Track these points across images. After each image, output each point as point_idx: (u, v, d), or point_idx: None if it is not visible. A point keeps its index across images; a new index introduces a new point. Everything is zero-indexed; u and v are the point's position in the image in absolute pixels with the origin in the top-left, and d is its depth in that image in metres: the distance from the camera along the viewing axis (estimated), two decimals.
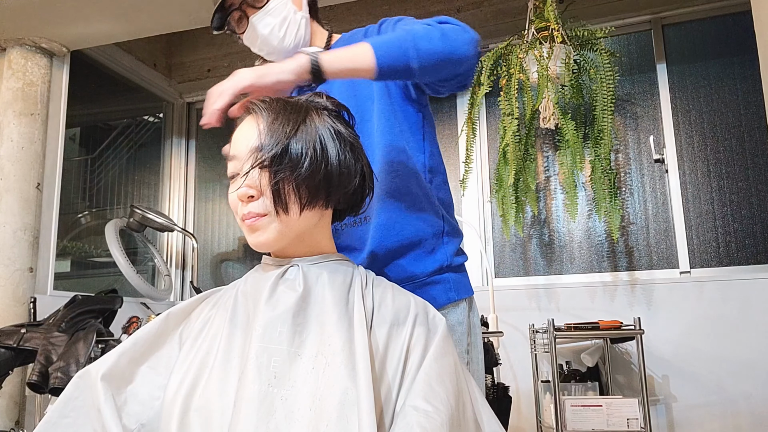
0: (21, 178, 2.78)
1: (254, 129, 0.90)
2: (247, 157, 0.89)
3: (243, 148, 0.90)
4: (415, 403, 0.81)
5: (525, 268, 3.14)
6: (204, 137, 4.03)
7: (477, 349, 1.19)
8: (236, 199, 0.90)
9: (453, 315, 1.15)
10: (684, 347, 2.76)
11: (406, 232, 1.14)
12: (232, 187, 0.91)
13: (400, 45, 1.01)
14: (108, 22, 2.82)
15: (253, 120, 0.92)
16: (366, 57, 0.98)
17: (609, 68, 2.66)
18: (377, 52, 0.99)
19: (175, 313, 0.95)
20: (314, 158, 0.88)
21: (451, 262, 1.17)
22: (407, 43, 1.01)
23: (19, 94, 2.84)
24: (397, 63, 1.00)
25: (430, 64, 1.03)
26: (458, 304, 1.17)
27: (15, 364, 2.25)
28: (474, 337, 1.19)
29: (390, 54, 1.00)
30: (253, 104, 0.93)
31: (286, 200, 0.88)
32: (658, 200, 2.99)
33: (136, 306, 3.27)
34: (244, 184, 0.88)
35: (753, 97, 2.92)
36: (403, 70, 1.02)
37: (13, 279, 2.69)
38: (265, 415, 0.77)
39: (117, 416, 0.84)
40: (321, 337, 0.84)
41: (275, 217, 0.88)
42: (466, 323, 1.17)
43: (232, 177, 0.92)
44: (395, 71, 1.02)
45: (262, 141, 0.88)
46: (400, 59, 1.00)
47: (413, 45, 1.01)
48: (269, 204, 0.88)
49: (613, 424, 2.35)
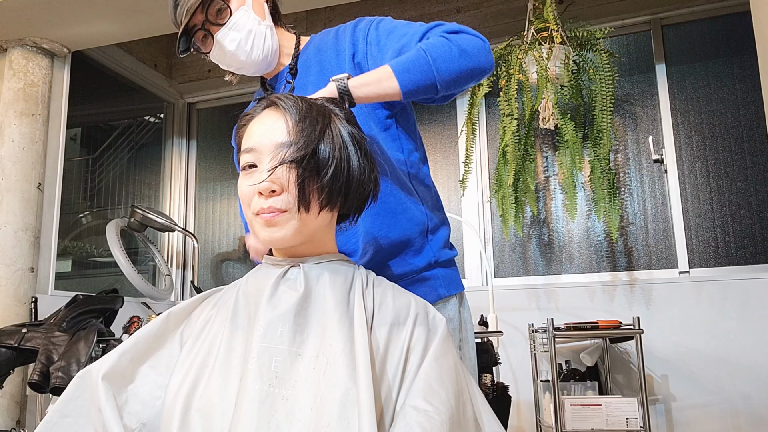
0: (22, 178, 2.79)
1: (281, 124, 0.90)
2: (272, 152, 0.89)
3: (267, 142, 0.90)
4: (415, 402, 0.81)
5: (524, 268, 3.14)
6: (205, 137, 4.03)
7: (469, 345, 1.19)
8: (253, 191, 0.89)
9: (443, 311, 1.15)
10: (683, 347, 2.76)
11: (393, 235, 1.13)
12: (249, 179, 0.90)
13: (421, 68, 1.03)
14: (109, 22, 2.82)
15: (278, 115, 0.91)
16: (391, 82, 1.02)
17: (608, 69, 2.67)
18: (399, 77, 1.02)
19: (176, 312, 0.95)
20: (339, 162, 0.90)
21: (439, 258, 1.17)
22: (428, 65, 1.03)
23: (20, 94, 2.85)
24: (420, 85, 1.04)
25: (453, 82, 1.06)
26: (449, 300, 1.17)
27: (16, 363, 2.25)
28: (465, 332, 1.19)
29: (412, 79, 1.03)
30: (279, 99, 0.93)
31: (310, 199, 0.89)
32: (657, 200, 2.99)
33: (137, 306, 3.28)
34: (269, 178, 0.87)
35: (752, 98, 2.92)
36: (428, 89, 1.05)
37: (14, 279, 2.70)
38: (266, 414, 0.78)
39: (118, 416, 0.84)
40: (322, 337, 0.85)
41: (295, 214, 0.88)
42: (457, 319, 1.17)
43: (246, 168, 0.92)
44: (420, 92, 1.05)
45: (291, 138, 0.88)
46: (423, 81, 1.03)
47: (434, 67, 1.03)
48: (291, 201, 0.88)
49: (612, 423, 2.36)
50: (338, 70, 1.14)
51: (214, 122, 4.02)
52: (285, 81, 1.23)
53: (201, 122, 4.05)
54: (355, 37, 1.18)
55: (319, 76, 1.19)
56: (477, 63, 1.06)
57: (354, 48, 1.17)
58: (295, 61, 1.24)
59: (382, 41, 1.15)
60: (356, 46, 1.17)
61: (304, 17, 3.74)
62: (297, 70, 1.24)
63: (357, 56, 1.17)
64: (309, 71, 1.22)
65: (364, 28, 1.19)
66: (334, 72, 1.12)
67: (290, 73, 1.23)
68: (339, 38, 1.21)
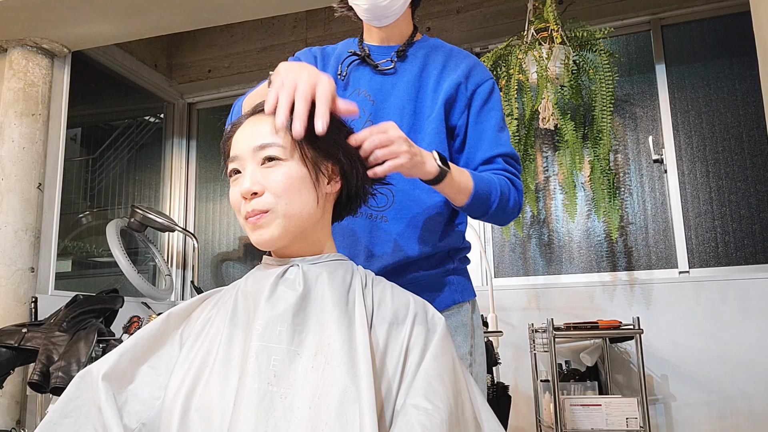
0: (22, 178, 2.79)
1: (261, 128, 0.91)
2: (251, 156, 0.90)
3: (246, 147, 0.91)
4: (415, 401, 0.81)
5: (524, 268, 3.15)
6: (205, 137, 4.04)
7: (479, 351, 1.19)
8: (239, 197, 0.91)
9: (457, 317, 1.16)
10: (683, 347, 2.76)
11: (426, 247, 1.15)
12: (235, 186, 0.92)
13: (485, 203, 1.08)
14: (109, 23, 2.82)
15: (259, 119, 0.93)
16: (463, 197, 1.05)
17: (608, 69, 2.67)
18: (470, 201, 1.05)
19: (176, 313, 0.96)
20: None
21: (457, 266, 1.19)
22: (488, 206, 1.09)
23: (20, 94, 2.85)
24: (471, 211, 1.10)
25: (482, 217, 1.13)
26: (462, 306, 1.18)
27: (16, 363, 2.25)
28: (477, 338, 1.19)
29: (474, 206, 1.07)
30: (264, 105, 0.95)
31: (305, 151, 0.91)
32: (657, 200, 2.99)
33: (137, 306, 3.28)
34: (249, 179, 0.89)
35: (752, 98, 2.92)
36: (464, 210, 1.10)
37: (15, 279, 2.70)
38: (264, 413, 0.78)
39: (118, 415, 0.84)
40: (320, 336, 0.85)
41: (279, 213, 0.89)
42: (469, 325, 1.18)
43: (232, 175, 0.94)
44: (462, 209, 1.10)
45: (272, 139, 0.90)
46: (475, 211, 1.09)
47: (489, 210, 1.10)
48: (273, 200, 0.89)
49: (612, 423, 2.36)
50: (432, 95, 1.18)
51: (214, 122, 4.03)
52: (390, 59, 1.22)
53: (201, 122, 4.05)
54: (461, 88, 1.19)
55: (416, 78, 1.20)
56: (509, 220, 1.17)
57: (453, 94, 1.18)
58: (406, 48, 1.23)
59: (473, 124, 1.19)
60: (456, 102, 1.18)
61: (304, 17, 3.74)
62: (407, 56, 1.23)
63: (453, 113, 1.19)
64: (411, 66, 1.22)
65: (472, 87, 1.20)
66: (427, 89, 1.18)
67: (397, 54, 1.22)
68: (448, 64, 1.21)
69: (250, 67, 3.83)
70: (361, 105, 1.18)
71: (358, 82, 1.22)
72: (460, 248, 1.21)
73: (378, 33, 1.24)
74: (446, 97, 1.17)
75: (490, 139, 1.18)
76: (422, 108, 1.19)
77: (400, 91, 1.19)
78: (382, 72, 1.21)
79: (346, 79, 1.23)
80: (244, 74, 3.83)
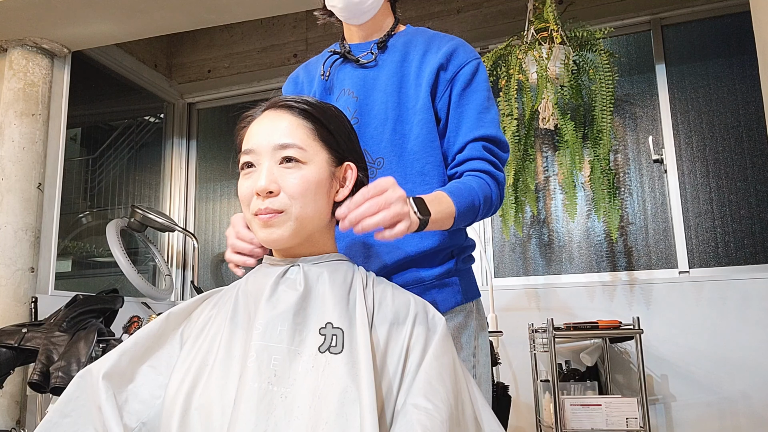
0: (22, 178, 2.79)
1: (281, 124, 0.93)
2: (270, 153, 0.91)
3: (265, 143, 0.92)
4: (415, 401, 0.81)
5: (524, 268, 3.15)
6: (205, 137, 4.04)
7: (483, 351, 1.18)
8: (251, 192, 0.91)
9: (460, 318, 1.14)
10: (683, 347, 2.76)
11: (424, 242, 1.13)
12: (248, 180, 0.92)
13: (470, 215, 1.07)
14: (109, 23, 2.82)
15: (278, 115, 0.94)
16: (449, 223, 1.03)
17: (608, 69, 2.67)
18: (456, 222, 1.04)
19: (176, 313, 0.96)
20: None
21: (459, 267, 1.17)
22: (474, 216, 1.08)
23: (20, 94, 2.85)
24: (458, 226, 1.07)
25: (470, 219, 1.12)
26: (465, 307, 1.16)
27: (16, 363, 2.25)
28: (481, 339, 1.18)
29: (460, 222, 1.06)
30: (282, 100, 0.95)
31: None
32: (657, 200, 2.99)
33: (137, 306, 3.28)
34: (266, 178, 0.89)
35: (752, 98, 2.92)
36: (452, 229, 1.09)
37: (15, 279, 2.70)
38: (264, 412, 0.78)
39: (118, 415, 0.85)
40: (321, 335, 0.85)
41: (292, 215, 0.90)
42: (473, 326, 1.16)
43: (244, 168, 0.93)
44: (450, 230, 1.10)
45: (291, 140, 0.92)
46: (462, 225, 1.08)
47: (477, 218, 1.10)
48: (288, 202, 0.89)
49: (612, 423, 2.36)
50: (415, 83, 1.15)
51: (214, 122, 4.03)
52: (370, 51, 1.21)
53: (201, 122, 4.05)
54: (441, 71, 1.16)
55: (397, 67, 1.18)
56: (493, 212, 1.15)
57: (434, 79, 1.15)
58: (386, 39, 1.22)
59: (454, 107, 1.16)
60: (439, 86, 1.16)
61: (304, 17, 3.74)
62: (387, 47, 1.21)
63: (435, 98, 1.16)
64: (392, 56, 1.21)
65: (454, 70, 1.16)
66: (410, 77, 1.16)
67: (378, 45, 1.21)
68: (429, 49, 1.19)
69: (250, 67, 3.83)
70: (345, 104, 1.17)
71: (342, 82, 1.21)
72: (464, 246, 1.19)
73: (358, 32, 1.23)
74: (430, 83, 1.15)
75: (471, 122, 1.14)
76: (406, 99, 1.16)
77: (383, 84, 1.17)
78: (363, 66, 1.20)
79: (331, 81, 1.23)
80: (244, 74, 3.84)
